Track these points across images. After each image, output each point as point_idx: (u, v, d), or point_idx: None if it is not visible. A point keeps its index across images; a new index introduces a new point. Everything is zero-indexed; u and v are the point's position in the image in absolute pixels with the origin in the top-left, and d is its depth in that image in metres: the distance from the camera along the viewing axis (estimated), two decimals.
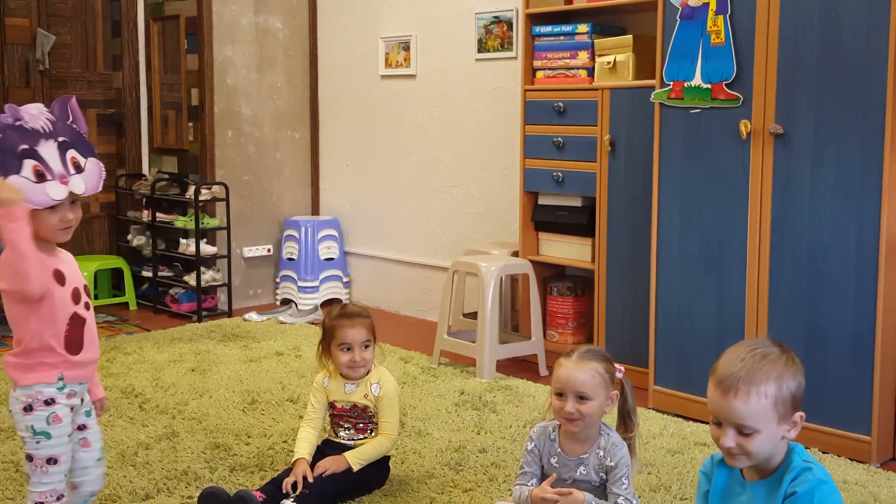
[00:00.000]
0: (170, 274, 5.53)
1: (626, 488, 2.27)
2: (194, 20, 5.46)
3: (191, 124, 5.58)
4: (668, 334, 3.65)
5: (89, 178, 2.16)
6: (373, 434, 2.85)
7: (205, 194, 5.30)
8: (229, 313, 5.37)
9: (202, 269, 5.29)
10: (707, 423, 3.58)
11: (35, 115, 2.12)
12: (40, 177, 2.07)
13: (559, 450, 2.35)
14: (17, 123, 2.09)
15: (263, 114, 5.71)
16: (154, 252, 5.55)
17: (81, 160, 2.16)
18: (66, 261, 2.21)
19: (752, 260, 3.37)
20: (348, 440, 2.86)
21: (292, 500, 2.62)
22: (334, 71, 5.81)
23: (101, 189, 2.23)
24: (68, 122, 2.18)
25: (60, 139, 2.13)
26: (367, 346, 2.81)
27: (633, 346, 3.98)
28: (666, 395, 3.67)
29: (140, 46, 5.82)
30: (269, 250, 5.76)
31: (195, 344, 4.59)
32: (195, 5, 5.44)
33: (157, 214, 5.50)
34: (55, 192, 2.08)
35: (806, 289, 3.23)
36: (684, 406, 3.59)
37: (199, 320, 5.21)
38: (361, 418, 2.85)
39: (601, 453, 2.31)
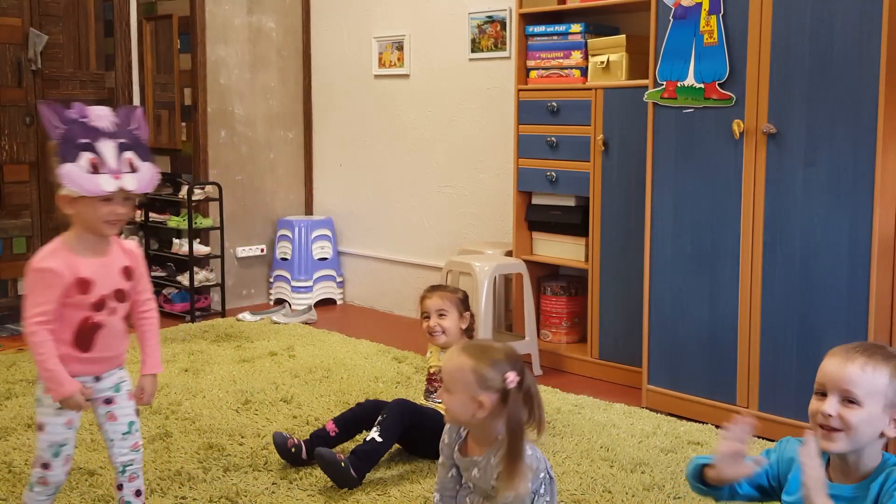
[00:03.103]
0: (163, 274, 5.52)
1: (511, 498, 2.04)
2: (187, 20, 5.45)
3: (183, 124, 5.57)
4: (661, 333, 3.65)
5: (142, 178, 2.29)
6: None
7: (198, 194, 5.29)
8: (223, 313, 5.36)
9: (195, 269, 5.28)
10: (701, 422, 3.60)
11: (101, 115, 2.28)
12: (95, 168, 2.21)
13: (459, 447, 2.21)
14: (82, 120, 2.25)
15: (256, 114, 5.70)
16: (147, 252, 5.54)
17: (137, 162, 2.29)
18: (107, 262, 2.29)
19: (745, 259, 3.38)
20: (431, 401, 3.15)
21: (377, 423, 2.91)
22: (328, 71, 5.80)
23: (150, 191, 2.34)
24: (131, 128, 2.33)
25: (121, 141, 2.28)
26: (442, 315, 3.11)
27: (626, 345, 3.99)
28: (659, 394, 3.67)
29: (133, 46, 5.81)
30: (262, 250, 5.76)
31: (188, 344, 4.59)
32: (188, 5, 5.42)
33: (150, 214, 5.50)
34: (106, 184, 2.21)
35: (799, 288, 3.24)
36: (678, 405, 3.60)
37: (193, 320, 5.20)
38: (440, 381, 3.04)
39: (493, 460, 2.10)
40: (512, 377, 2.06)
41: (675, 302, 3.60)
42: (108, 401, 2.35)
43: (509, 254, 4.42)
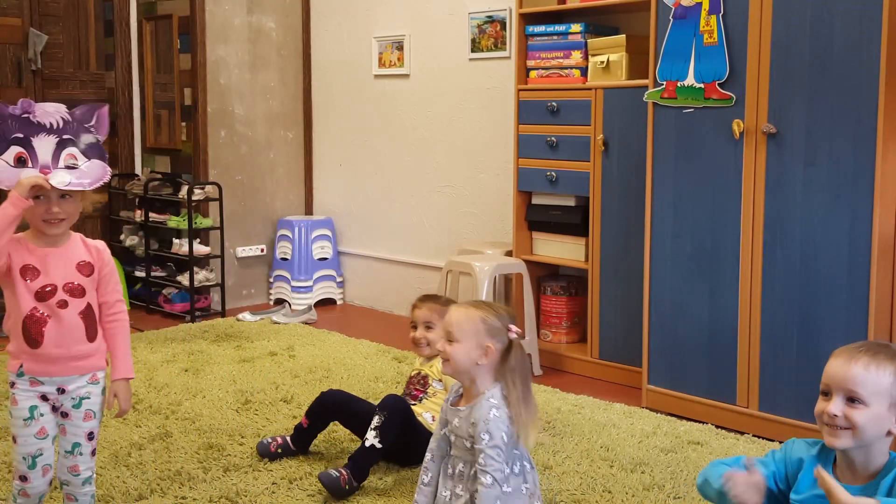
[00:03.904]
0: (163, 274, 5.52)
1: (485, 443, 2.22)
2: (187, 20, 5.45)
3: (183, 124, 5.57)
4: (661, 333, 3.65)
5: (81, 175, 2.21)
6: (423, 403, 3.05)
7: (198, 194, 5.29)
8: (223, 313, 5.37)
9: (195, 269, 5.28)
10: (701, 422, 3.60)
11: (49, 112, 2.22)
12: (20, 163, 2.16)
13: (452, 402, 2.39)
14: (24, 116, 2.19)
15: (256, 113, 5.70)
16: (147, 252, 5.54)
17: (81, 159, 2.22)
18: (61, 253, 2.23)
19: (744, 259, 3.38)
20: (410, 403, 3.07)
21: (374, 427, 2.83)
22: (328, 71, 5.80)
23: (90, 188, 2.25)
24: (87, 125, 2.25)
25: (65, 137, 2.21)
26: (429, 327, 3.07)
27: (626, 345, 3.99)
28: (659, 394, 3.67)
29: (133, 46, 5.81)
30: (262, 250, 5.76)
31: (188, 344, 4.59)
32: (188, 5, 5.42)
33: (150, 214, 5.49)
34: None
35: (798, 287, 3.24)
36: (677, 405, 3.60)
37: (193, 320, 5.20)
38: (418, 385, 3.10)
39: (472, 409, 2.29)
40: (515, 328, 2.30)
41: (675, 302, 3.60)
42: (65, 414, 2.27)
43: (509, 254, 4.42)
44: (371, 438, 2.82)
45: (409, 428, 2.91)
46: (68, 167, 2.20)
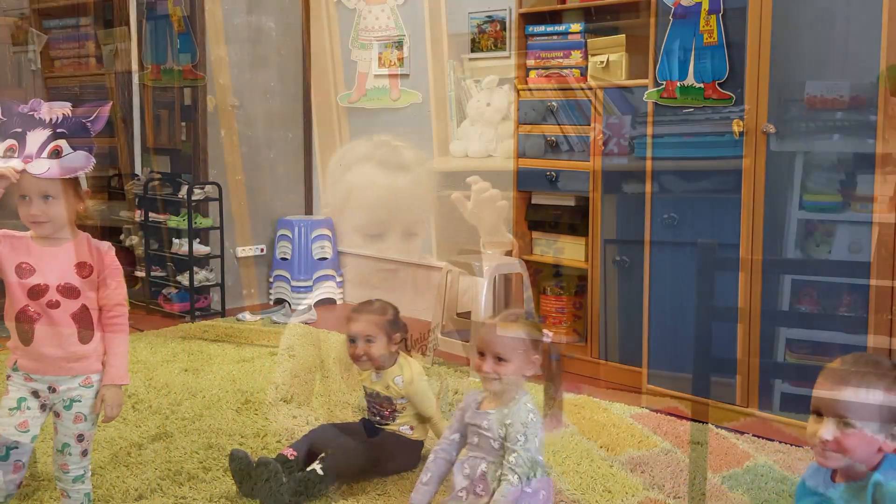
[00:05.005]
0: (162, 274, 5.52)
1: (520, 445, 2.32)
2: (187, 20, 5.45)
3: (183, 124, 5.57)
4: (661, 333, 3.65)
5: (62, 164, 2.19)
6: (396, 421, 2.99)
7: (197, 194, 5.29)
8: (223, 313, 5.36)
9: (195, 268, 5.28)
10: (701, 422, 3.60)
11: (54, 109, 2.23)
12: (10, 154, 2.17)
13: (476, 405, 2.46)
14: (30, 113, 2.21)
15: (256, 114, 5.70)
16: (147, 252, 5.54)
17: (66, 149, 2.20)
18: (58, 253, 2.23)
19: (744, 259, 3.38)
20: (379, 422, 3.04)
21: (318, 462, 2.77)
22: (328, 71, 5.80)
23: (70, 175, 2.21)
24: (85, 119, 2.24)
25: (58, 130, 2.21)
26: (369, 341, 2.97)
27: (626, 345, 3.99)
28: (659, 394, 3.67)
29: (132, 46, 5.81)
30: (262, 250, 5.76)
31: (188, 344, 4.59)
32: (188, 4, 5.42)
33: (150, 214, 5.49)
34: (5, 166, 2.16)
35: (798, 287, 3.24)
36: (678, 405, 3.60)
37: (192, 320, 5.20)
38: (385, 406, 3.01)
39: (506, 412, 2.38)
40: (548, 332, 2.42)
41: (674, 302, 3.60)
42: (57, 413, 2.28)
43: (509, 254, 4.42)
44: (315, 465, 2.78)
45: (360, 470, 2.86)
46: (52, 157, 2.19)
